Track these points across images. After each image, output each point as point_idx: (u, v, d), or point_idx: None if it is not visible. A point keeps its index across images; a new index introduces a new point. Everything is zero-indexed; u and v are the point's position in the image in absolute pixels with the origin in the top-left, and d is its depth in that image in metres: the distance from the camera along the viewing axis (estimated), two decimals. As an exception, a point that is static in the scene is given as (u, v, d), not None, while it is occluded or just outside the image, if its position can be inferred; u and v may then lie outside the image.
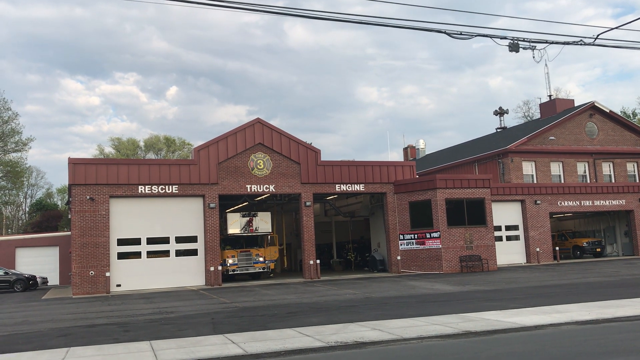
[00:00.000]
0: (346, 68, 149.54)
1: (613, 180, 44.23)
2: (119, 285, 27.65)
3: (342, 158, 44.03)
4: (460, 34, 14.89)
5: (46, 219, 58.68)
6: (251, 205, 33.49)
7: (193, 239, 29.36)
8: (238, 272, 30.97)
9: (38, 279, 34.85)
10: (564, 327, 12.05)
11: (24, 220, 75.48)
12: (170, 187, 28.72)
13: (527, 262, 36.46)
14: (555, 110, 46.79)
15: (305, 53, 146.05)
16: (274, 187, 30.67)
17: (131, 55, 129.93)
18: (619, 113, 55.02)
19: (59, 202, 77.78)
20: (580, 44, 15.68)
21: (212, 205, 29.17)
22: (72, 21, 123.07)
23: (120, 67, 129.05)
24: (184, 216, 29.25)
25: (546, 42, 15.56)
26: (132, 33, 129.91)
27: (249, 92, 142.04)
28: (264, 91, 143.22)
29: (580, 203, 38.51)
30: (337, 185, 32.01)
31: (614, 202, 39.36)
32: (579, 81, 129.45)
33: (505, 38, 15.56)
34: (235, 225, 30.87)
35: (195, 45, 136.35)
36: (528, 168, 42.24)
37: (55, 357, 10.63)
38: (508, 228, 36.64)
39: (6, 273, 33.53)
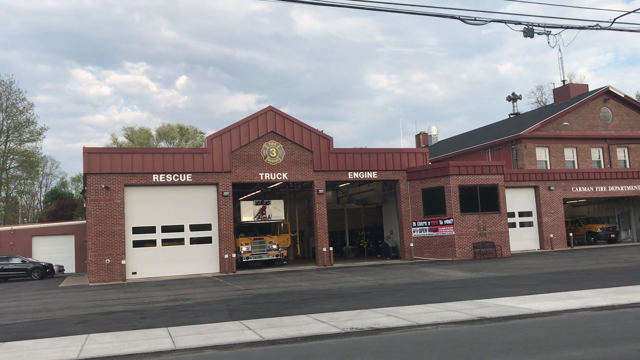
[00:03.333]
0: (355, 55, 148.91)
1: (628, 166, 43.80)
2: (134, 273, 27.94)
3: (353, 145, 44.04)
4: (475, 19, 14.77)
5: (61, 207, 59.14)
6: (264, 193, 33.61)
7: (207, 227, 29.57)
8: (252, 259, 31.17)
9: (54, 267, 35.27)
10: (579, 313, 12.04)
11: (40, 210, 76.26)
12: (184, 175, 28.88)
13: (540, 249, 36.34)
14: (569, 96, 46.32)
15: (314, 41, 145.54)
16: (286, 175, 30.73)
17: (140, 45, 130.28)
18: (634, 98, 54.29)
19: (74, 191, 78.34)
20: (597, 29, 15.50)
21: (225, 193, 29.31)
22: (81, 11, 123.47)
23: (130, 57, 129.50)
24: (198, 204, 29.44)
25: (561, 27, 15.39)
26: (141, 23, 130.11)
27: (258, 81, 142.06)
28: (273, 79, 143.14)
29: (595, 189, 38.22)
30: (349, 173, 32.01)
31: (629, 188, 39.03)
32: (590, 66, 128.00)
33: (519, 23, 15.41)
34: (248, 213, 31.01)
35: (203, 35, 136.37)
36: (542, 154, 41.94)
37: (74, 343, 10.81)
38: (521, 214, 36.49)
39: (23, 261, 33.97)
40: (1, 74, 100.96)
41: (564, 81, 49.92)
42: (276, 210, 31.64)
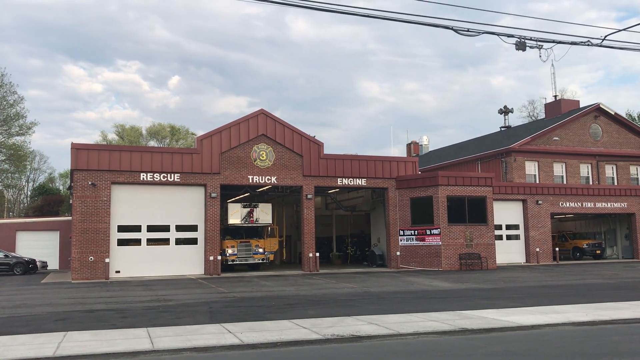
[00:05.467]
0: (348, 62, 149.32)
1: (616, 183, 44.12)
2: (118, 272, 27.71)
3: (344, 152, 43.93)
4: (468, 30, 14.82)
5: (47, 203, 58.75)
6: (252, 196, 33.50)
7: (193, 228, 29.40)
8: (237, 262, 31.01)
9: (38, 263, 34.90)
10: (561, 327, 12.04)
11: (26, 204, 75.62)
12: (172, 175, 28.73)
13: (526, 262, 36.45)
14: (560, 111, 46.63)
15: (307, 46, 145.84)
16: (275, 179, 30.66)
17: (134, 43, 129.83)
18: (624, 116, 54.76)
19: (61, 187, 77.86)
20: (588, 45, 15.59)
21: (213, 194, 29.18)
22: (74, 7, 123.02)
23: (123, 54, 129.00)
24: (185, 205, 29.28)
25: (553, 41, 15.47)
26: (135, 21, 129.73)
27: (250, 84, 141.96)
28: (266, 83, 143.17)
29: (582, 204, 38.44)
30: (339, 179, 31.98)
31: (616, 205, 39.29)
32: (581, 83, 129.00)
33: (512, 36, 15.48)
34: (236, 215, 30.86)
35: (197, 35, 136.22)
36: (531, 168, 42.15)
37: (51, 341, 10.65)
38: (509, 227, 36.60)
39: (6, 256, 33.61)
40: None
41: (555, 96, 50.27)
42: (264, 214, 31.52)
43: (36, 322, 13.32)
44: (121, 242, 28.14)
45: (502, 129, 54.35)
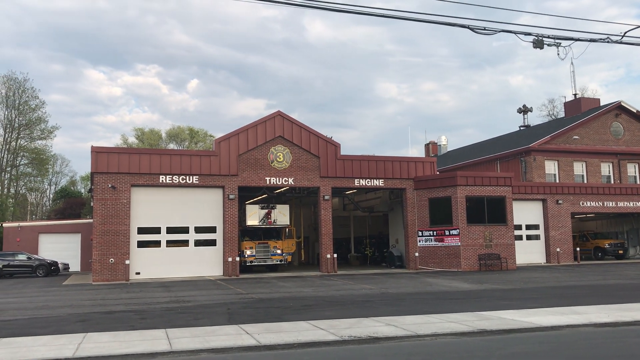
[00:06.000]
0: (365, 64, 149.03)
1: (638, 182, 43.43)
2: (138, 273, 27.96)
3: (361, 153, 43.86)
4: (485, 29, 14.70)
5: (69, 206, 59.43)
6: (270, 198, 33.58)
7: (212, 230, 29.56)
8: (255, 263, 31.11)
9: (60, 265, 35.38)
10: (581, 328, 11.88)
11: (48, 207, 76.67)
12: (191, 177, 28.92)
13: (546, 262, 36.04)
14: (580, 110, 46.06)
15: (324, 48, 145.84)
16: (293, 180, 30.70)
17: (153, 47, 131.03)
18: (647, 113, 53.76)
19: (82, 190, 78.73)
20: (607, 42, 15.38)
21: (231, 196, 29.32)
22: (94, 12, 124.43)
23: (142, 59, 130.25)
24: (204, 207, 29.45)
25: (572, 39, 15.28)
26: (154, 25, 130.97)
27: (268, 86, 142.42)
28: (283, 85, 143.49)
29: (603, 204, 37.89)
30: (356, 180, 31.93)
31: (639, 204, 38.65)
32: (602, 81, 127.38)
33: (529, 34, 15.32)
34: (254, 217, 30.98)
35: (215, 39, 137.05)
36: (551, 167, 41.68)
37: (72, 342, 10.78)
38: (528, 227, 36.23)
39: (29, 258, 34.12)
40: (16, 72, 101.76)
41: (575, 95, 49.66)
42: (281, 215, 31.59)
43: (57, 323, 13.49)
44: (141, 244, 28.40)
45: (521, 128, 53.84)
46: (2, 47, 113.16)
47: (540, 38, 15.10)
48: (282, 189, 32.22)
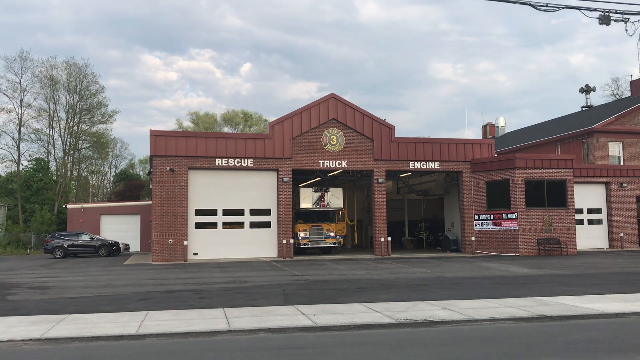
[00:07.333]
0: (418, 44, 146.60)
1: None
2: (195, 254, 28.65)
3: (415, 135, 43.34)
4: (547, 5, 14.14)
5: (129, 188, 61.41)
6: (323, 181, 33.67)
7: (267, 212, 29.92)
8: (309, 245, 31.35)
9: (121, 245, 36.65)
10: (648, 316, 11.41)
11: (109, 189, 79.36)
12: (246, 160, 29.29)
13: (609, 248, 34.83)
14: (648, 88, 43.93)
15: (376, 29, 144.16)
16: (346, 163, 30.65)
17: (206, 32, 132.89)
18: None
19: (141, 173, 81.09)
20: (680, 16, 14.51)
21: (285, 179, 29.54)
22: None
23: (196, 43, 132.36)
24: (258, 189, 29.82)
25: (641, 13, 14.51)
26: (207, 10, 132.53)
27: (319, 69, 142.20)
28: (335, 67, 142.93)
29: (672, 187, 36.18)
30: (410, 163, 31.58)
31: None
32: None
33: (595, 10, 14.65)
34: (307, 199, 31.16)
35: (267, 22, 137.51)
36: (615, 149, 40.05)
37: (134, 319, 11.15)
38: (590, 211, 35.05)
39: (92, 239, 35.47)
40: (76, 58, 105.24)
41: (642, 73, 47.35)
42: (335, 198, 31.65)
43: (120, 301, 13.98)
44: (198, 226, 29.04)
45: (584, 108, 51.84)
46: (63, 34, 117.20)
47: (607, 13, 14.41)
48: (335, 172, 32.23)
